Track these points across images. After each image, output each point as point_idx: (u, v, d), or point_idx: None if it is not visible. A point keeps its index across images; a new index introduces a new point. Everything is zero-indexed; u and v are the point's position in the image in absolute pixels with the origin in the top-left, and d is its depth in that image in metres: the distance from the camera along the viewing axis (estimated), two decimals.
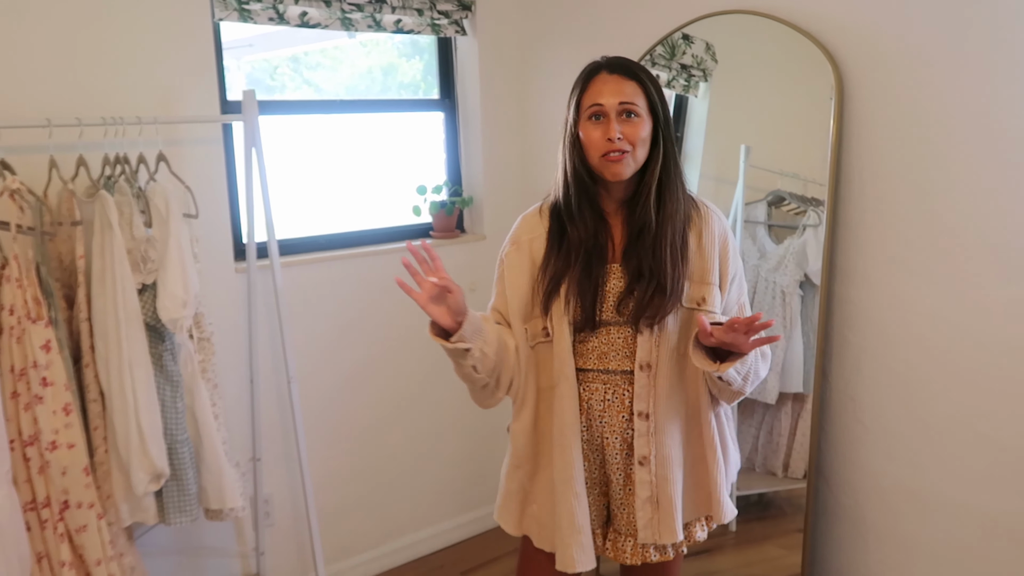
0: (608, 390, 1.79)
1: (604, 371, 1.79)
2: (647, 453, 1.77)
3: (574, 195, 1.77)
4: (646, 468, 1.78)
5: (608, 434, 1.81)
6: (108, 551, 2.16)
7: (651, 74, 1.76)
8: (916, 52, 2.22)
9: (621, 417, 1.79)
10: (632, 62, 1.76)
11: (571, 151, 1.77)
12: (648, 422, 1.77)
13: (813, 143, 2.48)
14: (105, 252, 2.13)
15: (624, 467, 1.82)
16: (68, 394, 2.07)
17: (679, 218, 1.75)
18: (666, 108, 1.76)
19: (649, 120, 1.73)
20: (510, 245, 1.87)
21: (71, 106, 2.29)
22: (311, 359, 2.91)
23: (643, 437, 1.77)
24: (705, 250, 1.77)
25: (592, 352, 1.80)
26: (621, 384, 1.79)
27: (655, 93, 1.74)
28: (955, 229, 2.21)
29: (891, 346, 2.37)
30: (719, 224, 1.80)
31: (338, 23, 2.83)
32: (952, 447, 2.28)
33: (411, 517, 3.28)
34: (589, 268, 1.75)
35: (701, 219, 1.80)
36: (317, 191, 3.11)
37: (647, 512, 1.79)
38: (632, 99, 1.71)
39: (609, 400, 1.79)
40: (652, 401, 1.77)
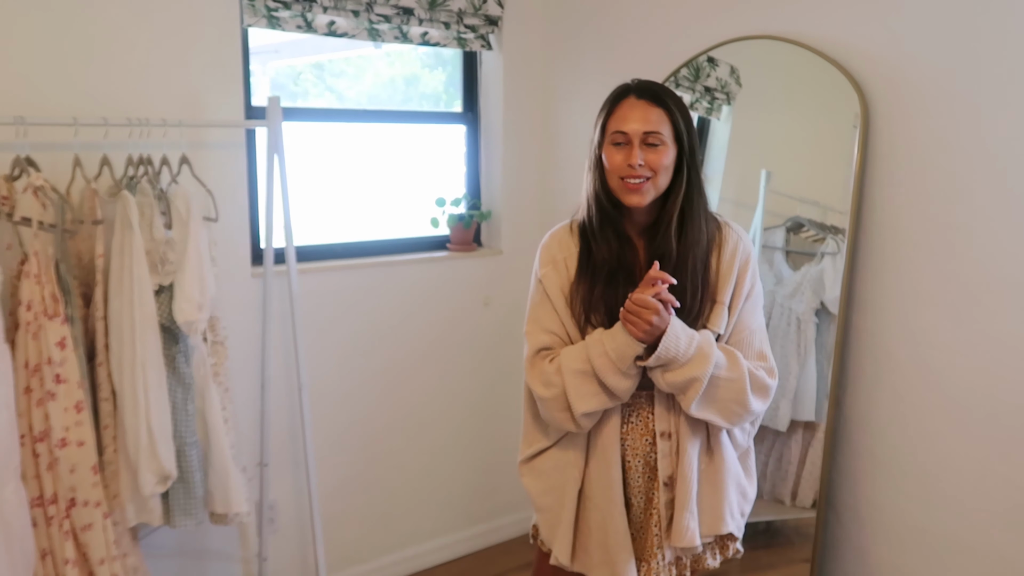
0: (631, 413, 1.80)
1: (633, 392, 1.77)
2: (671, 473, 1.78)
3: (596, 217, 1.79)
4: (669, 488, 1.78)
5: (631, 457, 1.80)
6: (112, 551, 2.15)
7: (680, 100, 1.76)
8: (943, 83, 2.21)
9: (644, 440, 1.80)
10: (661, 88, 1.76)
11: (594, 173, 1.79)
12: (670, 442, 1.78)
13: (834, 170, 2.47)
14: (124, 252, 2.14)
15: (645, 489, 1.81)
16: (80, 392, 2.08)
17: (701, 245, 1.74)
18: (692, 135, 1.75)
19: (673, 147, 1.73)
20: (547, 266, 1.84)
21: (97, 106, 2.31)
22: (323, 367, 2.91)
23: (666, 458, 1.78)
24: (723, 268, 1.77)
25: None
26: (645, 407, 1.79)
27: (681, 120, 1.73)
28: (976, 264, 2.19)
29: (907, 379, 2.35)
30: (742, 243, 1.80)
31: (365, 33, 2.85)
32: (966, 486, 2.25)
33: (416, 529, 3.26)
34: (614, 288, 1.74)
35: (722, 237, 1.79)
36: (336, 199, 3.12)
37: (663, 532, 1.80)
38: (657, 127, 1.71)
39: (633, 423, 1.80)
40: (673, 420, 1.78)
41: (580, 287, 1.78)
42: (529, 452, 1.94)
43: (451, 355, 3.23)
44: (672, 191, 1.75)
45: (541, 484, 1.90)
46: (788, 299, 2.63)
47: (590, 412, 1.74)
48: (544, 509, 1.90)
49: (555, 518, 1.86)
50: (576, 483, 1.83)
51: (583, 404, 1.72)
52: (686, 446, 1.77)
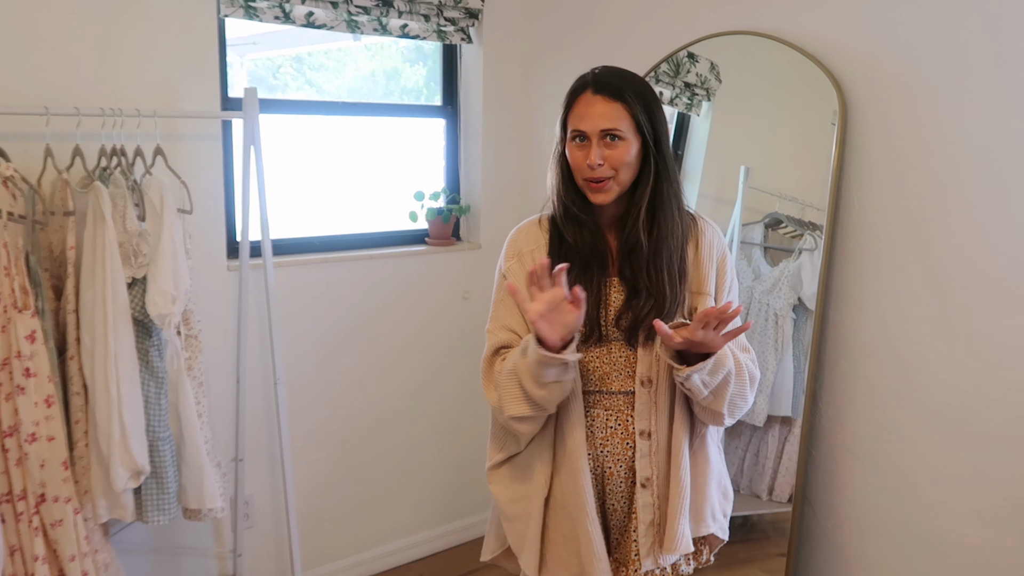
0: (611, 416, 1.73)
1: (606, 393, 1.72)
2: (649, 475, 1.71)
3: (568, 212, 1.72)
4: (648, 491, 1.71)
5: (611, 463, 1.73)
6: (83, 547, 2.13)
7: (642, 89, 1.67)
8: (922, 81, 2.22)
9: (625, 444, 1.73)
10: (621, 78, 1.67)
11: (558, 168, 1.73)
12: (650, 441, 1.71)
13: (813, 167, 2.48)
14: (96, 244, 2.10)
15: (628, 493, 1.75)
16: (51, 386, 2.05)
17: (676, 236, 1.69)
18: (658, 125, 1.66)
19: (636, 140, 1.64)
20: (512, 259, 1.78)
21: (70, 95, 2.27)
22: (300, 361, 2.88)
23: (645, 458, 1.71)
24: (702, 260, 1.73)
25: (593, 373, 1.72)
26: (623, 408, 1.72)
27: (642, 112, 1.64)
28: (952, 260, 2.20)
29: (882, 374, 2.37)
30: (717, 236, 1.77)
31: (344, 25, 2.82)
32: (940, 480, 2.27)
33: (393, 525, 3.25)
34: (589, 277, 1.68)
35: (698, 230, 1.76)
36: (315, 192, 3.09)
37: (649, 538, 1.73)
38: (615, 124, 1.62)
39: (612, 427, 1.73)
40: (654, 419, 1.71)
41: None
42: (498, 458, 1.84)
43: (429, 350, 3.22)
44: (639, 183, 1.68)
45: (510, 492, 1.81)
46: (766, 295, 2.64)
47: (519, 416, 1.64)
48: (513, 518, 1.81)
49: (524, 527, 1.78)
50: (543, 491, 1.74)
51: (511, 407, 1.63)
52: (676, 446, 1.71)
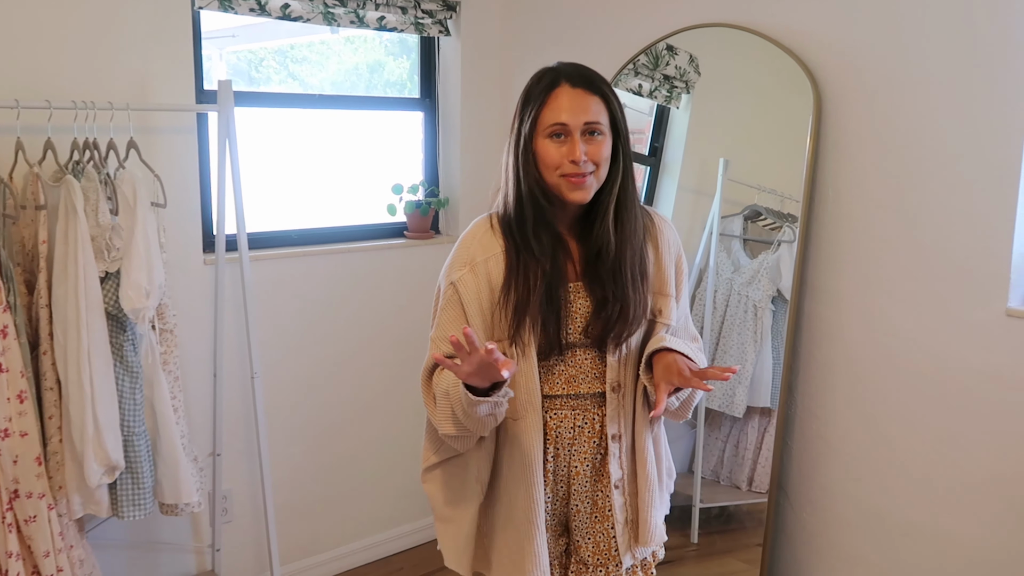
0: (578, 416, 1.68)
1: (574, 396, 1.68)
2: (620, 476, 1.69)
3: (529, 216, 1.62)
4: (620, 491, 1.69)
5: (577, 463, 1.69)
6: (57, 543, 2.11)
7: (610, 85, 1.65)
8: (894, 74, 2.23)
9: (592, 443, 1.69)
10: (592, 73, 1.64)
11: (525, 168, 1.62)
12: (620, 444, 1.69)
13: (791, 159, 2.49)
14: (68, 238, 2.09)
15: (591, 493, 1.71)
16: (24, 381, 2.03)
17: (637, 237, 1.64)
18: (625, 121, 1.64)
19: (610, 136, 1.62)
20: (464, 268, 1.65)
21: (41, 88, 2.25)
22: (276, 355, 2.87)
23: (616, 460, 1.69)
24: (663, 261, 1.69)
25: (560, 377, 1.67)
26: (591, 408, 1.68)
27: (617, 107, 1.62)
28: (926, 250, 2.22)
29: (858, 364, 2.38)
30: (672, 234, 1.73)
31: (320, 17, 2.81)
32: (915, 469, 2.29)
33: (372, 518, 3.25)
34: (551, 292, 1.61)
35: (656, 229, 1.71)
36: (293, 185, 3.08)
37: (626, 536, 1.71)
38: (596, 117, 1.59)
39: (580, 427, 1.68)
40: (623, 423, 1.69)
41: (511, 294, 1.61)
42: (432, 460, 1.80)
43: (408, 343, 3.21)
44: (608, 181, 1.63)
45: (444, 494, 1.77)
46: (745, 287, 2.65)
47: (451, 435, 1.62)
48: (447, 520, 1.77)
49: (457, 530, 1.75)
50: (479, 496, 1.72)
51: (443, 426, 1.61)
52: (640, 445, 1.70)
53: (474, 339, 1.42)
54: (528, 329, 1.60)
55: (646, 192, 2.95)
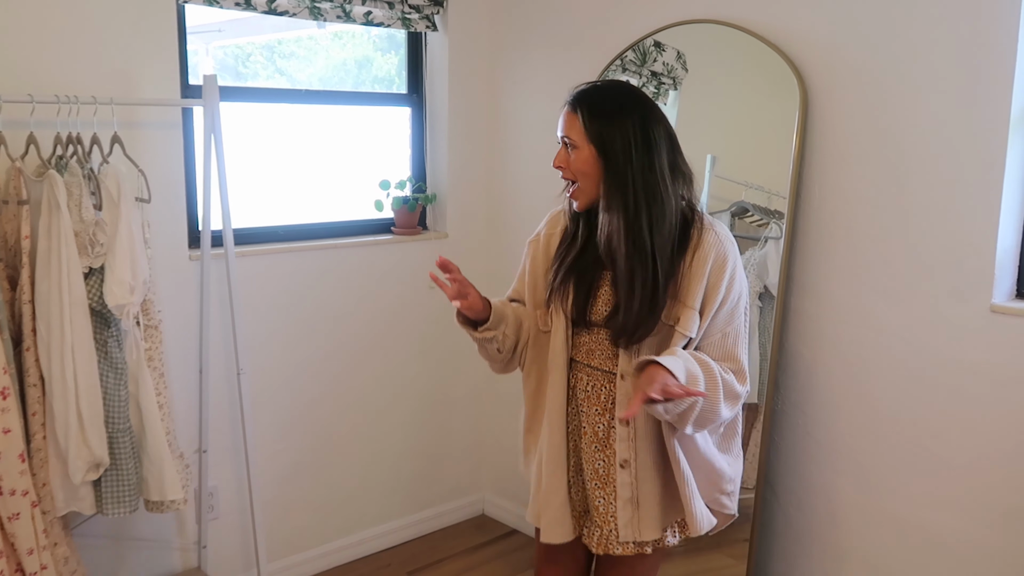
0: (590, 383, 1.88)
1: (589, 366, 1.88)
2: (628, 457, 1.83)
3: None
4: (627, 471, 1.83)
5: (586, 423, 1.89)
6: (41, 540, 2.10)
7: (598, 102, 1.76)
8: (881, 71, 2.24)
9: (595, 411, 1.87)
10: (585, 92, 1.79)
11: None
12: (629, 428, 1.82)
13: (778, 156, 2.49)
14: (52, 233, 2.07)
15: (592, 458, 1.89)
16: (6, 378, 2.02)
17: (647, 258, 1.73)
18: (609, 138, 1.73)
19: (588, 149, 1.75)
20: (536, 235, 1.98)
21: (24, 82, 2.23)
22: (262, 352, 2.86)
23: (624, 442, 1.83)
24: (693, 272, 1.75)
25: (583, 347, 1.89)
26: (601, 380, 1.86)
27: (590, 123, 1.74)
28: (911, 247, 2.22)
29: (843, 360, 2.39)
30: (716, 247, 1.76)
31: (307, 12, 2.79)
32: (900, 464, 2.30)
33: (359, 515, 3.24)
34: (585, 270, 1.84)
35: (697, 241, 1.77)
36: (280, 181, 3.07)
37: (628, 512, 1.85)
38: (567, 131, 1.77)
39: (588, 392, 1.88)
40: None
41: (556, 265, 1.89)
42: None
43: (396, 340, 3.21)
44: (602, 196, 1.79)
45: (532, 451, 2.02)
46: None
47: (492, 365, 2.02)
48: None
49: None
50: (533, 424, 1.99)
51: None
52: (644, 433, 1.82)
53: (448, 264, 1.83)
54: (559, 298, 1.86)
55: None
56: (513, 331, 1.93)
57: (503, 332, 1.90)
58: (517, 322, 1.94)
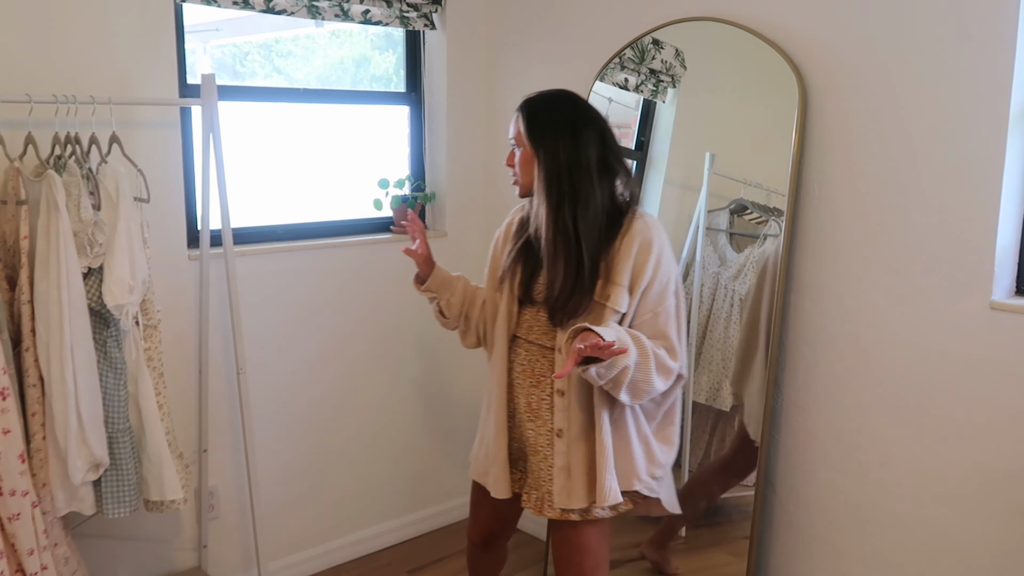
0: (528, 358, 2.08)
1: (527, 341, 2.08)
2: (563, 427, 2.00)
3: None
4: (563, 440, 2.01)
5: (521, 397, 2.09)
6: (41, 540, 2.10)
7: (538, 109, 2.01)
8: (880, 69, 2.24)
9: (528, 383, 2.07)
10: (528, 99, 2.05)
11: None
12: (565, 399, 2.00)
13: (777, 153, 2.48)
14: (51, 233, 2.07)
15: (526, 428, 2.09)
16: (5, 378, 2.01)
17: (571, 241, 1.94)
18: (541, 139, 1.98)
19: (528, 149, 2.00)
20: (503, 224, 2.23)
21: (21, 82, 2.22)
22: (262, 351, 2.86)
23: (561, 412, 2.00)
24: (622, 253, 1.96)
25: (524, 323, 2.09)
26: (537, 355, 2.06)
27: (526, 126, 2.00)
28: (910, 244, 2.22)
29: (842, 358, 2.39)
30: (641, 234, 1.96)
31: (304, 11, 2.79)
32: (900, 462, 2.30)
33: (359, 514, 3.24)
34: (531, 253, 2.06)
35: (628, 225, 1.98)
36: (279, 180, 3.06)
37: (561, 479, 2.01)
38: (513, 132, 2.05)
39: (524, 366, 2.08)
40: (568, 381, 1.99)
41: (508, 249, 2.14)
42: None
43: (394, 338, 3.21)
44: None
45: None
46: (731, 281, 2.65)
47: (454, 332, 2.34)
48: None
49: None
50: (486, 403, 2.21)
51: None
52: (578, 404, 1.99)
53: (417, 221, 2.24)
54: (508, 277, 2.09)
55: None
56: (459, 301, 2.23)
57: (447, 299, 2.22)
58: (465, 294, 2.24)
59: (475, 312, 2.24)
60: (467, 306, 2.25)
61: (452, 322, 2.28)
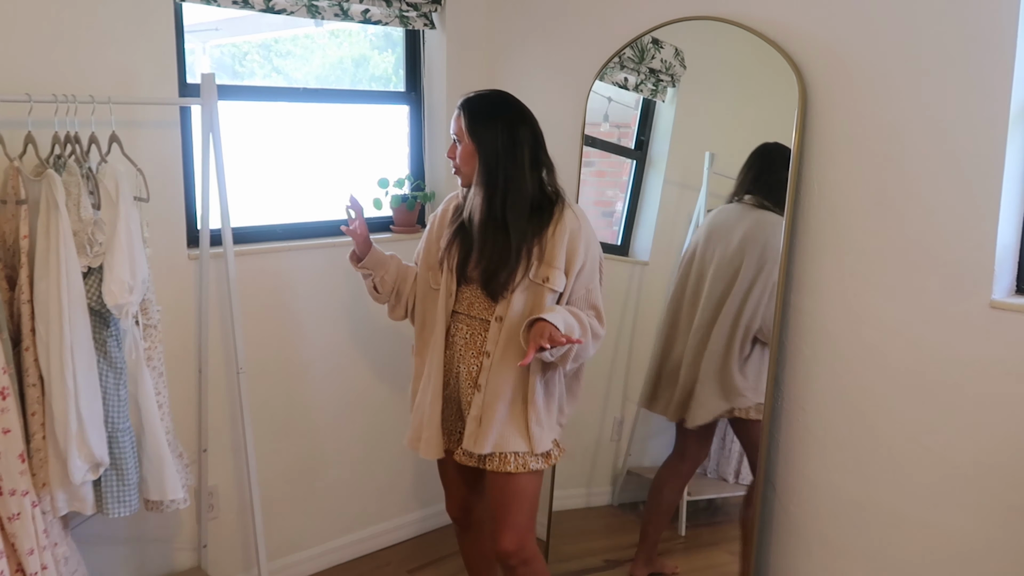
0: (469, 332, 2.27)
1: (470, 316, 2.27)
2: (483, 383, 2.22)
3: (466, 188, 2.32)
4: (480, 394, 2.22)
5: (463, 366, 2.27)
6: (42, 540, 2.09)
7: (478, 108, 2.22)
8: (880, 68, 2.24)
9: (470, 353, 2.26)
10: (469, 98, 2.26)
11: None
12: (490, 359, 2.21)
13: None
14: (50, 233, 2.06)
15: (466, 393, 2.28)
16: (5, 378, 2.01)
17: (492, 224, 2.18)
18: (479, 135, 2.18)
19: (468, 144, 2.20)
20: (438, 210, 2.42)
21: (21, 81, 2.22)
22: (263, 351, 2.86)
23: (484, 371, 2.22)
24: (556, 240, 2.18)
25: (464, 300, 2.28)
26: (479, 330, 2.26)
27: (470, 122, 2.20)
28: (910, 243, 2.22)
29: (843, 358, 2.39)
30: (570, 222, 2.19)
31: (304, 10, 2.79)
32: (900, 461, 2.30)
33: (359, 513, 3.24)
34: (466, 235, 2.25)
35: (559, 215, 2.20)
36: (278, 180, 3.06)
37: (472, 427, 2.24)
38: (455, 130, 2.25)
39: (467, 340, 2.27)
40: (496, 344, 2.20)
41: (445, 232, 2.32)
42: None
43: (394, 337, 3.20)
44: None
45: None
46: None
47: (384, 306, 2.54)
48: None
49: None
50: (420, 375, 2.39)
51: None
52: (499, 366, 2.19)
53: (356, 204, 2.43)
54: (446, 257, 2.28)
55: (632, 186, 2.95)
56: (392, 278, 2.42)
57: (381, 276, 2.42)
58: (398, 273, 2.43)
59: (406, 288, 2.44)
60: (399, 282, 2.44)
61: (383, 297, 2.47)
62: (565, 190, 2.27)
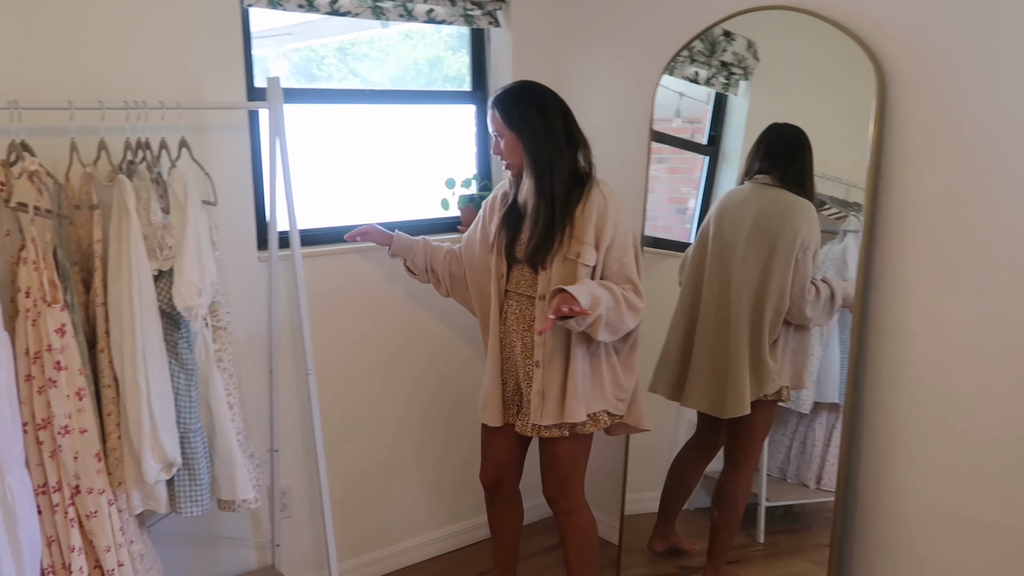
0: (519, 308, 2.45)
1: (517, 293, 2.45)
2: (540, 359, 2.37)
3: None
4: (540, 369, 2.37)
5: (518, 341, 2.45)
6: (118, 538, 2.14)
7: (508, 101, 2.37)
8: (963, 54, 2.13)
9: (521, 328, 2.44)
10: (497, 96, 2.40)
11: None
12: (542, 337, 2.36)
13: (855, 146, 2.39)
14: (122, 237, 2.11)
15: (524, 366, 2.44)
16: (82, 379, 2.06)
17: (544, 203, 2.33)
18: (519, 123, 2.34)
19: (510, 136, 2.36)
20: (488, 199, 2.60)
21: (93, 89, 2.28)
22: (331, 351, 2.88)
23: (539, 348, 2.37)
24: (585, 217, 2.31)
25: (514, 280, 2.46)
26: (526, 306, 2.43)
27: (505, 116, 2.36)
28: (998, 241, 2.11)
29: (927, 360, 2.28)
30: (597, 200, 2.32)
31: (369, 12, 2.80)
32: (988, 469, 2.19)
33: (430, 515, 3.24)
34: (514, 220, 2.43)
35: (588, 193, 2.33)
36: (347, 181, 3.09)
37: (536, 401, 2.38)
38: (495, 127, 2.41)
39: (517, 315, 2.45)
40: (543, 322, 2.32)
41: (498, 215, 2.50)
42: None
43: (462, 339, 3.19)
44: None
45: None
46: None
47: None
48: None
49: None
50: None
51: None
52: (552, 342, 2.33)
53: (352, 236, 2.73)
54: (497, 240, 2.47)
55: (705, 182, 2.88)
56: (421, 259, 2.68)
57: (411, 259, 2.70)
58: (426, 253, 2.68)
59: (438, 264, 2.67)
60: (430, 260, 2.68)
61: (421, 276, 2.72)
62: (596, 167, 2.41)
